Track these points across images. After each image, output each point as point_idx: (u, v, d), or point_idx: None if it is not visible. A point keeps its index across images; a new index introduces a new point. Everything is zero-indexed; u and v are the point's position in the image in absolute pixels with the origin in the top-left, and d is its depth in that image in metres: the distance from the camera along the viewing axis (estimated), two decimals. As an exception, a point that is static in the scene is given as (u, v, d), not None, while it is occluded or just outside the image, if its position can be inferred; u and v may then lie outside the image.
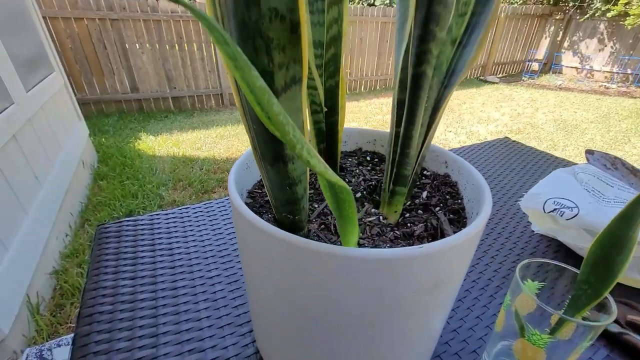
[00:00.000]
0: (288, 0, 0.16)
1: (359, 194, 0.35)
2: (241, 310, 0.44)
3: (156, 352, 0.38)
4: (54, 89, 2.12)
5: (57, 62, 2.30)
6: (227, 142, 3.06)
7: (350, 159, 0.42)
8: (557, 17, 6.26)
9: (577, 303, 0.31)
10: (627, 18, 5.05)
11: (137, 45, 3.69)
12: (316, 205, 0.33)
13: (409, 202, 0.34)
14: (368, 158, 0.42)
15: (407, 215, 0.32)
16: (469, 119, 3.96)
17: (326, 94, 0.32)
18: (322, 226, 0.30)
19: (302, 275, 0.24)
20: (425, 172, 0.39)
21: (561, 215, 0.48)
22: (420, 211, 0.33)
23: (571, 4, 6.09)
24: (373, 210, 0.33)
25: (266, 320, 0.31)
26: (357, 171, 0.39)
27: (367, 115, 4.03)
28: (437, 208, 0.33)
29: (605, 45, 5.80)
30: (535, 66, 6.55)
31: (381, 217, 0.32)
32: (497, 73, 6.51)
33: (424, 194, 0.35)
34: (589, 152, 0.62)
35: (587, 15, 5.79)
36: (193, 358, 0.38)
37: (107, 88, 3.71)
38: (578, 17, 6.00)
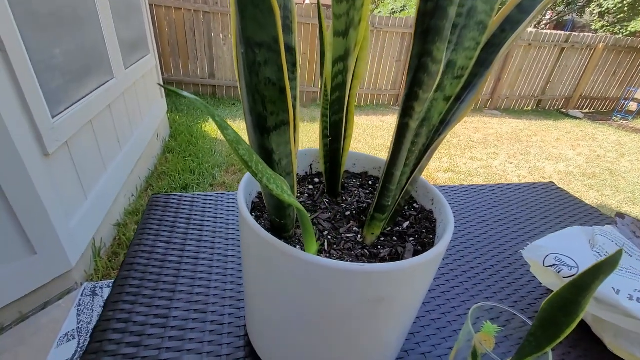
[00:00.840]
0: (278, 74, 0.23)
1: (348, 212, 0.41)
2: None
3: (170, 305, 0.48)
4: (147, 69, 2.46)
5: (153, 45, 2.66)
6: (282, 136, 3.23)
7: (354, 180, 0.48)
8: (672, 55, 5.44)
9: (523, 352, 0.33)
10: None
11: (221, 36, 4.07)
12: (309, 215, 0.39)
13: (390, 228, 0.39)
14: (370, 182, 0.47)
15: (382, 239, 0.37)
16: (536, 153, 3.67)
17: (331, 126, 0.39)
18: (307, 233, 0.37)
19: (273, 270, 0.30)
20: (415, 205, 0.43)
21: (558, 272, 0.48)
22: (395, 238, 0.38)
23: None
24: (355, 228, 0.38)
25: (250, 307, 0.38)
26: (356, 192, 0.45)
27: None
28: (411, 239, 0.37)
29: None
30: (633, 106, 5.76)
31: (359, 236, 0.37)
32: (582, 107, 5.88)
33: (406, 224, 0.40)
34: (620, 216, 0.59)
35: None
36: (197, 314, 0.47)
37: (189, 72, 4.15)
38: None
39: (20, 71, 1.07)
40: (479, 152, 3.55)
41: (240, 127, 3.35)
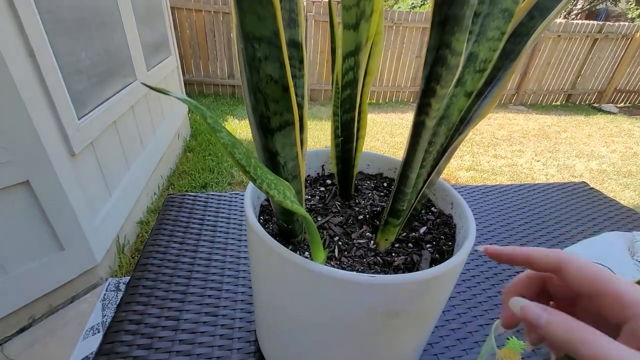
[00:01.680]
0: (280, 71, 0.21)
1: (361, 217, 0.39)
2: (254, 292, 0.51)
3: (182, 307, 0.48)
4: (168, 70, 2.52)
5: (174, 47, 2.72)
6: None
7: (368, 182, 0.45)
8: None
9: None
10: None
11: (239, 37, 4.11)
12: (319, 218, 0.38)
13: (405, 234, 0.37)
14: (385, 184, 0.45)
15: (397, 245, 0.35)
16: (565, 150, 3.48)
17: (342, 126, 0.37)
18: (317, 238, 0.35)
19: (281, 278, 0.29)
20: (432, 209, 0.40)
21: (593, 283, 0.44)
22: (410, 244, 0.35)
23: None
24: (368, 234, 0.36)
25: (259, 314, 0.37)
26: (370, 195, 0.43)
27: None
28: (428, 245, 0.35)
29: None
30: (675, 100, 5.36)
31: (371, 243, 0.35)
32: (617, 102, 5.53)
33: (423, 229, 0.37)
34: (664, 221, 0.54)
35: None
36: (208, 317, 0.46)
37: (210, 72, 4.22)
38: None
39: (48, 75, 1.12)
40: (503, 150, 3.41)
41: (259, 126, 3.37)
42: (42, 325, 1.29)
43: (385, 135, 3.51)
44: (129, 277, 1.50)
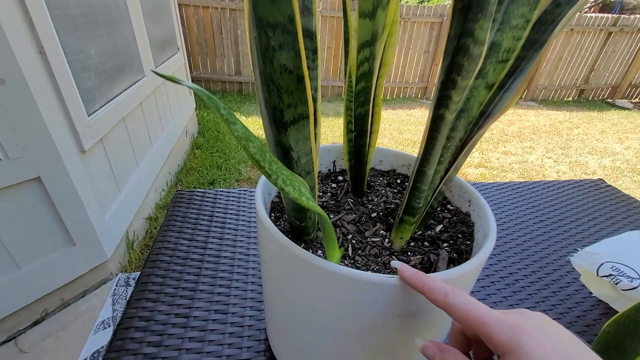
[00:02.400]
0: (295, 61, 0.20)
1: (375, 214, 0.38)
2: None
3: (191, 304, 0.48)
4: (176, 67, 2.53)
5: (182, 44, 2.72)
6: (307, 132, 3.22)
7: (381, 178, 0.44)
8: None
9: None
10: None
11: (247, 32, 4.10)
12: (332, 216, 0.37)
13: (420, 232, 0.36)
14: (398, 180, 0.44)
15: (412, 244, 0.34)
16: (577, 147, 3.41)
17: (356, 121, 0.35)
18: (329, 236, 0.34)
19: (293, 277, 0.28)
20: (449, 206, 0.39)
21: (616, 284, 0.42)
22: (426, 243, 0.34)
23: None
24: (382, 232, 0.35)
25: (270, 312, 0.36)
26: (383, 191, 0.41)
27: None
28: (445, 244, 0.34)
29: None
30: (693, 94, 5.20)
31: (386, 241, 0.34)
32: (632, 97, 5.38)
33: (439, 227, 0.36)
34: (690, 220, 0.52)
35: None
36: (218, 315, 0.46)
37: (217, 69, 4.22)
38: None
39: (58, 72, 1.12)
40: (513, 146, 3.35)
41: (266, 122, 3.37)
42: (54, 319, 1.31)
43: (393, 132, 3.47)
44: (138, 273, 1.51)
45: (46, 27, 1.08)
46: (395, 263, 0.24)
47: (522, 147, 3.37)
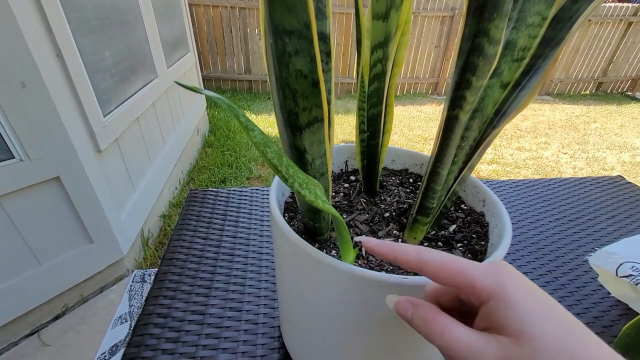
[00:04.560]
0: (311, 66, 0.20)
1: (387, 214, 0.38)
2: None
3: (207, 301, 0.49)
4: (187, 67, 2.56)
5: (192, 44, 2.75)
6: (317, 129, 3.22)
7: (393, 178, 0.44)
8: None
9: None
10: None
11: (256, 31, 4.12)
12: (345, 216, 0.37)
13: (434, 232, 0.36)
14: (411, 180, 0.44)
15: (426, 244, 0.34)
16: (595, 142, 3.31)
17: (368, 121, 0.35)
18: (343, 236, 0.34)
19: (307, 277, 0.29)
20: (462, 206, 0.39)
21: (636, 284, 0.42)
22: (440, 243, 0.34)
23: None
24: (395, 232, 0.35)
25: (284, 311, 0.37)
26: (395, 191, 0.41)
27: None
28: (459, 245, 0.34)
29: None
30: None
31: (399, 241, 0.34)
32: (654, 89, 5.19)
33: (453, 227, 0.36)
34: None
35: None
36: (233, 313, 0.47)
37: (227, 68, 4.26)
38: None
39: (75, 74, 1.15)
40: (527, 142, 3.28)
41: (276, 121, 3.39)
42: (74, 314, 1.35)
43: (403, 129, 3.44)
44: (153, 269, 1.55)
45: (63, 30, 1.10)
46: (358, 238, 0.23)
47: (536, 142, 3.29)
